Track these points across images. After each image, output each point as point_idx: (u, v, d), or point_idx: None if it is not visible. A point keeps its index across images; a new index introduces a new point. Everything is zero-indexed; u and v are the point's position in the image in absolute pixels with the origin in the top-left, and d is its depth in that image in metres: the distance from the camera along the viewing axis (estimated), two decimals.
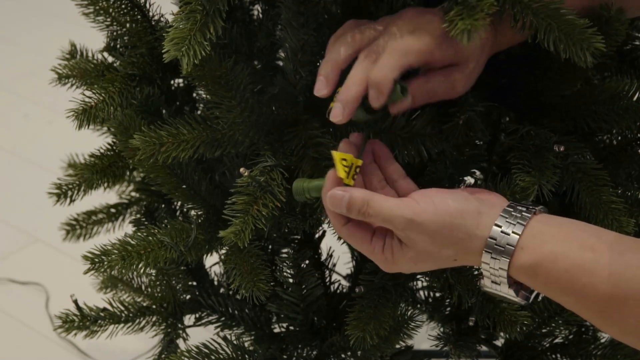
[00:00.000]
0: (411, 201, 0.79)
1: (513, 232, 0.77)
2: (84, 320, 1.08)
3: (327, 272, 1.10)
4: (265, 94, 0.95)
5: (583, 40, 0.75)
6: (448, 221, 0.78)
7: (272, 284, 0.97)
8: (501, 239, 0.77)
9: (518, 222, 0.77)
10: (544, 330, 1.08)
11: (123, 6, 1.00)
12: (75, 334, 1.09)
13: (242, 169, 0.89)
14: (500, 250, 0.77)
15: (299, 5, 0.87)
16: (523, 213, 0.78)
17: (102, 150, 1.05)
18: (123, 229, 1.17)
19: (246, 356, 1.05)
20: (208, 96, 0.92)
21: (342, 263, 1.13)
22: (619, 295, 0.73)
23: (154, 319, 1.12)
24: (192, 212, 1.04)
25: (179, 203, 1.13)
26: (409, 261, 0.81)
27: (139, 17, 1.00)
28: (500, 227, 0.77)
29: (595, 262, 0.74)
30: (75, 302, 1.08)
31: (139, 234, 0.96)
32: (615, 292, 0.73)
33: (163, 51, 0.80)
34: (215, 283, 1.16)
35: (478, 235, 0.78)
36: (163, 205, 1.15)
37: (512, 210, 0.78)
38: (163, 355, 1.14)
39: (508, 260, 0.77)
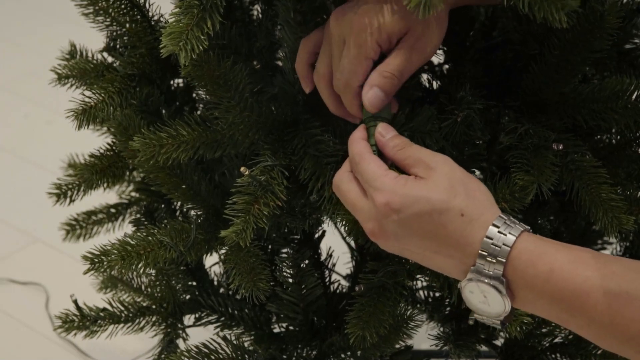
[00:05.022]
0: None
1: (521, 224, 0.77)
2: (84, 320, 1.08)
3: (327, 272, 1.10)
4: (265, 94, 0.95)
5: (557, 0, 0.75)
6: (476, 181, 0.79)
7: (271, 283, 0.97)
8: (510, 222, 0.77)
9: (519, 223, 0.77)
10: (544, 330, 1.08)
11: (123, 6, 1.00)
12: (75, 334, 1.09)
13: (242, 168, 0.89)
14: (509, 229, 0.76)
15: (296, 3, 0.87)
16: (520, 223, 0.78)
17: (102, 151, 1.05)
18: (123, 229, 1.17)
19: (246, 356, 1.05)
20: (207, 96, 0.92)
21: (342, 263, 1.13)
22: (623, 295, 0.71)
23: (153, 319, 1.12)
24: (192, 212, 1.05)
25: (179, 203, 1.13)
26: (420, 191, 0.77)
27: (138, 17, 1.01)
28: (509, 216, 0.78)
29: (595, 260, 0.73)
30: (75, 302, 1.08)
31: (139, 234, 0.96)
32: (619, 291, 0.71)
33: (160, 46, 0.80)
34: (215, 283, 1.16)
35: (494, 209, 0.78)
36: (163, 205, 1.15)
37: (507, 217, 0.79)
38: (163, 355, 1.14)
39: (514, 237, 0.75)
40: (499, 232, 0.76)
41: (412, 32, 0.83)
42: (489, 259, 0.76)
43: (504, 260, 0.75)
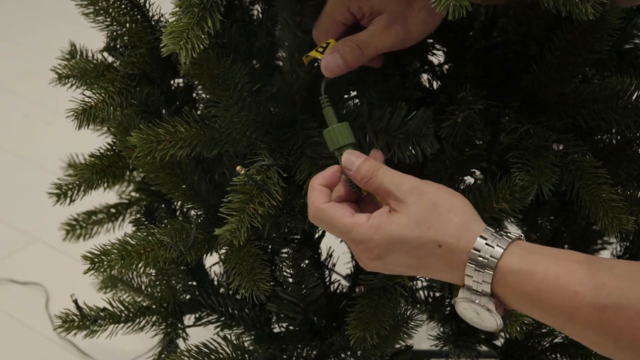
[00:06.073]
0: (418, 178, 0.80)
1: (505, 238, 0.76)
2: (84, 320, 1.08)
3: (327, 272, 1.10)
4: (263, 93, 0.95)
5: None
6: (449, 199, 0.78)
7: (271, 283, 0.97)
8: (492, 240, 0.76)
9: (507, 236, 0.76)
10: (543, 330, 1.08)
11: (123, 6, 1.00)
12: (75, 334, 1.09)
13: (238, 168, 0.90)
14: (491, 251, 0.75)
15: (294, 4, 0.87)
16: (509, 233, 0.77)
17: (102, 150, 1.05)
18: (123, 229, 1.17)
19: (246, 356, 1.05)
20: (206, 95, 0.92)
21: (342, 263, 1.13)
22: (612, 307, 0.71)
23: (154, 318, 1.12)
24: (192, 212, 1.05)
25: (179, 203, 1.13)
26: (395, 229, 0.77)
27: (138, 17, 1.01)
28: (491, 231, 0.77)
29: (584, 272, 0.73)
30: (75, 302, 1.08)
31: (139, 233, 0.96)
32: (609, 303, 0.71)
33: (161, 45, 0.80)
34: (215, 283, 1.16)
35: (472, 230, 0.77)
36: (163, 205, 1.15)
37: (494, 230, 0.77)
38: (163, 355, 1.14)
39: (496, 260, 0.75)
40: (480, 257, 0.76)
41: (389, 13, 0.84)
42: (476, 280, 0.76)
43: (490, 282, 0.76)
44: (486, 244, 0.76)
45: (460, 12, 0.70)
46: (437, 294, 1.08)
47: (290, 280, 1.04)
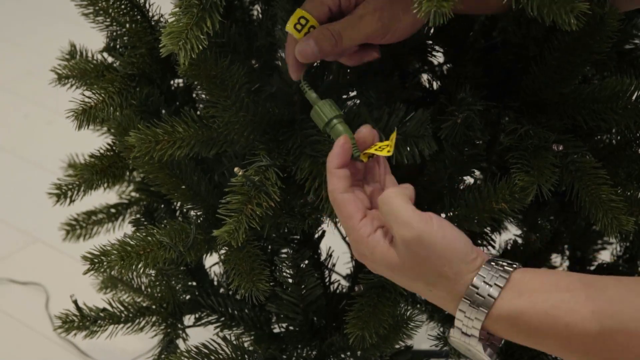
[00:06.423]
0: (428, 218, 0.76)
1: (495, 284, 0.75)
2: (83, 321, 1.08)
3: (327, 272, 1.10)
4: (262, 93, 0.95)
5: (566, 3, 0.74)
6: (448, 254, 0.76)
7: (271, 284, 0.97)
8: (483, 289, 0.75)
9: (500, 275, 0.76)
10: None
11: (123, 6, 1.00)
12: (75, 334, 1.09)
13: (236, 169, 0.90)
14: (481, 301, 0.75)
15: (293, 4, 0.87)
16: (505, 267, 0.76)
17: (102, 151, 1.05)
18: (123, 229, 1.17)
19: (246, 356, 1.05)
20: (205, 95, 0.92)
21: (342, 263, 1.13)
22: (605, 332, 0.71)
23: (153, 319, 1.12)
24: (192, 213, 1.05)
25: (179, 203, 1.13)
26: (387, 265, 0.78)
27: (138, 17, 1.01)
28: (483, 277, 0.76)
29: (574, 300, 0.73)
30: (75, 302, 1.08)
31: (139, 234, 0.96)
32: (601, 329, 0.71)
33: (160, 45, 0.80)
34: (215, 283, 1.16)
35: (464, 280, 0.76)
36: (163, 206, 1.15)
37: (493, 264, 0.77)
38: (163, 355, 1.14)
39: (486, 312, 0.75)
40: (471, 306, 0.76)
41: (368, 2, 0.83)
42: (466, 325, 0.77)
43: (479, 329, 0.76)
44: (477, 293, 0.75)
45: (441, 19, 0.69)
46: None
47: (290, 280, 1.04)
